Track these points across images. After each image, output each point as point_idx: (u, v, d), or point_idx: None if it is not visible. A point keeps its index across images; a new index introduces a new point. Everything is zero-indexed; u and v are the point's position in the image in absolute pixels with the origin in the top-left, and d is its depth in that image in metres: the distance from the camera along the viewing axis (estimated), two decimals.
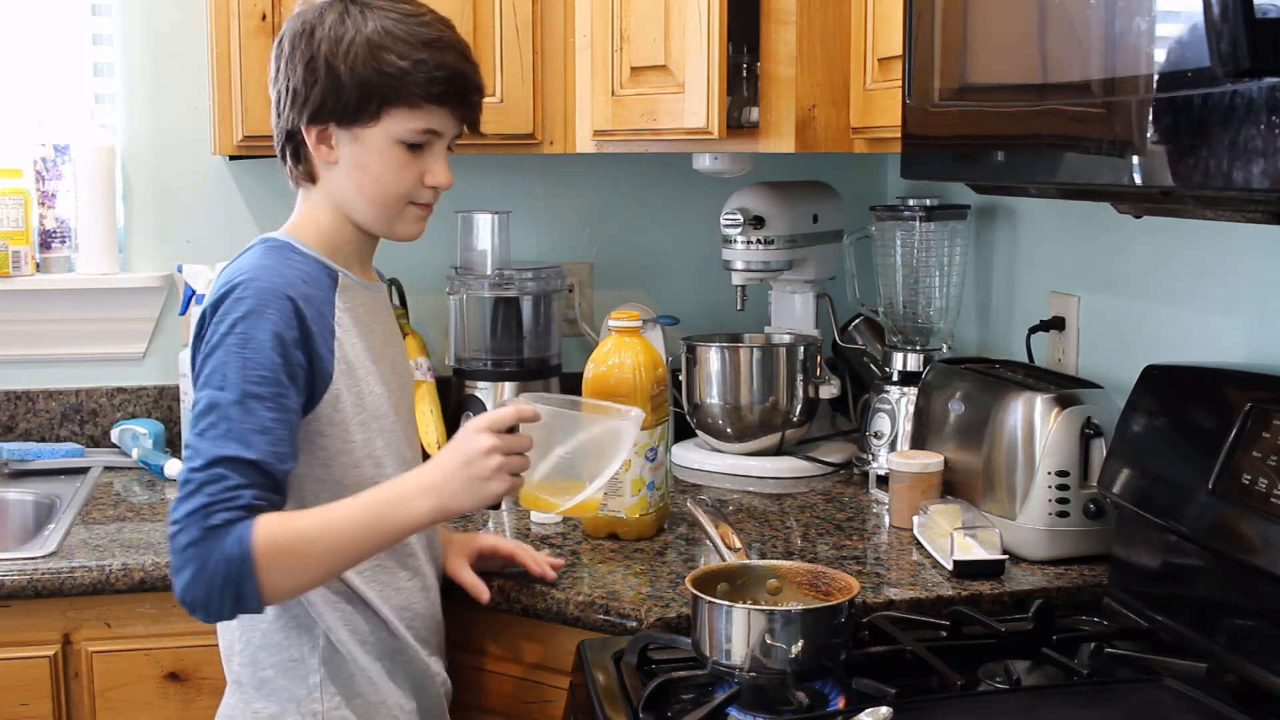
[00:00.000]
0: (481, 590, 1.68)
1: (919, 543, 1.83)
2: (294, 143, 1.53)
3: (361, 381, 1.51)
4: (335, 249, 1.54)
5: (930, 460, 1.91)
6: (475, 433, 1.43)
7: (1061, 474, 1.74)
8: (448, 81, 1.49)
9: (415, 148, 1.51)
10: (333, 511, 1.41)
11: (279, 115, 1.52)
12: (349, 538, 1.40)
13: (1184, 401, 1.56)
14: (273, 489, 1.38)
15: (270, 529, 1.35)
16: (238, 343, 1.40)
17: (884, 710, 1.27)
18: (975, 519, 1.79)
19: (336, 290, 1.51)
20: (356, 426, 1.50)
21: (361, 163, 1.50)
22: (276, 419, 1.39)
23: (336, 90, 1.47)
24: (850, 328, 2.37)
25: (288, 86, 1.50)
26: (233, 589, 1.33)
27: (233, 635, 1.53)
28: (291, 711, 1.50)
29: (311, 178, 1.55)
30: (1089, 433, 1.74)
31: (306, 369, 1.44)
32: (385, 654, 1.54)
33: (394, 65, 1.46)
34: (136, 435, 2.36)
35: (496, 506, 1.55)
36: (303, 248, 1.51)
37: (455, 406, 2.39)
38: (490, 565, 1.74)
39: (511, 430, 1.45)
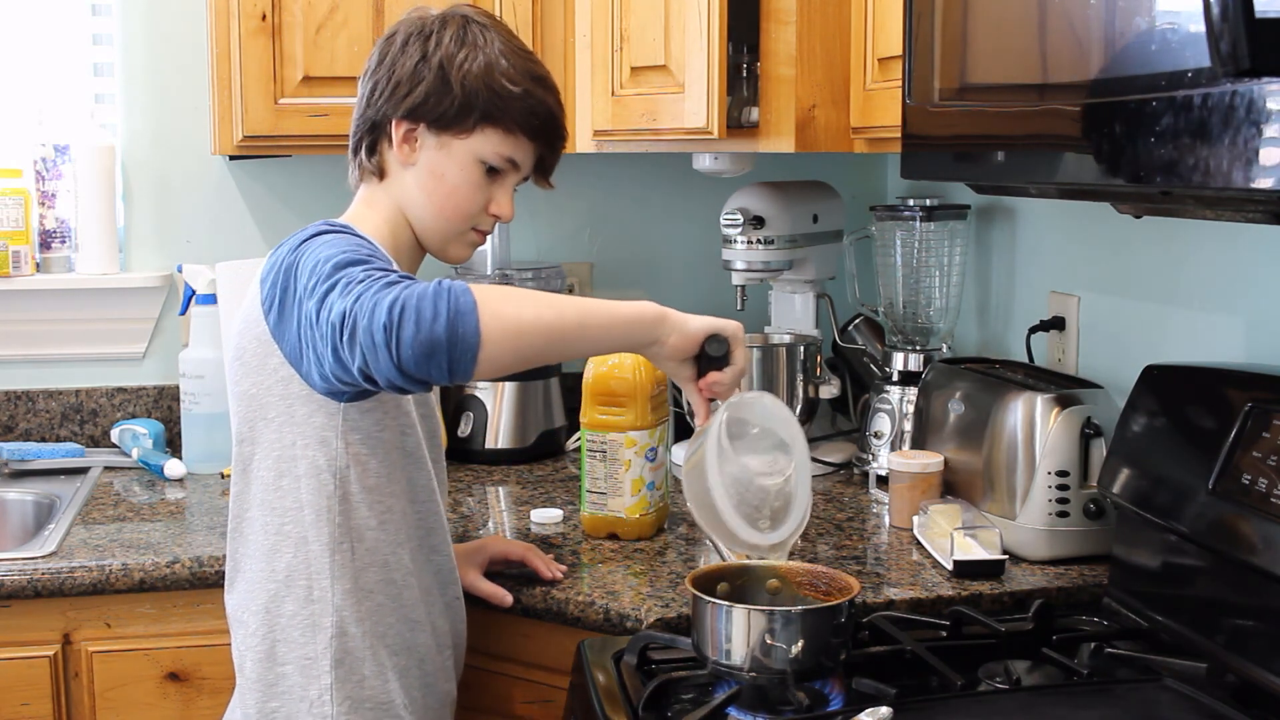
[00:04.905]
0: (504, 596, 1.69)
1: (919, 543, 1.83)
2: (375, 135, 1.54)
3: None
4: (389, 248, 1.52)
5: (930, 460, 1.91)
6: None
7: (1061, 474, 1.74)
8: (545, 118, 1.54)
9: (493, 172, 1.54)
10: None
11: (369, 104, 1.54)
12: (556, 298, 1.35)
13: (1184, 401, 1.56)
14: None
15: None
16: (337, 260, 1.35)
17: (884, 710, 1.27)
18: (975, 519, 1.79)
19: None
20: (405, 415, 1.50)
21: (439, 171, 1.52)
22: None
23: (442, 93, 1.50)
24: (850, 328, 2.37)
25: (390, 77, 1.52)
26: (449, 298, 1.26)
27: (248, 630, 1.50)
28: (303, 713, 1.47)
29: (381, 174, 1.56)
30: (1089, 433, 1.74)
31: None
32: (403, 649, 1.52)
33: (505, 88, 1.51)
34: (136, 435, 2.36)
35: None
36: (361, 234, 1.48)
37: (455, 407, 2.39)
38: (500, 570, 1.74)
39: None
